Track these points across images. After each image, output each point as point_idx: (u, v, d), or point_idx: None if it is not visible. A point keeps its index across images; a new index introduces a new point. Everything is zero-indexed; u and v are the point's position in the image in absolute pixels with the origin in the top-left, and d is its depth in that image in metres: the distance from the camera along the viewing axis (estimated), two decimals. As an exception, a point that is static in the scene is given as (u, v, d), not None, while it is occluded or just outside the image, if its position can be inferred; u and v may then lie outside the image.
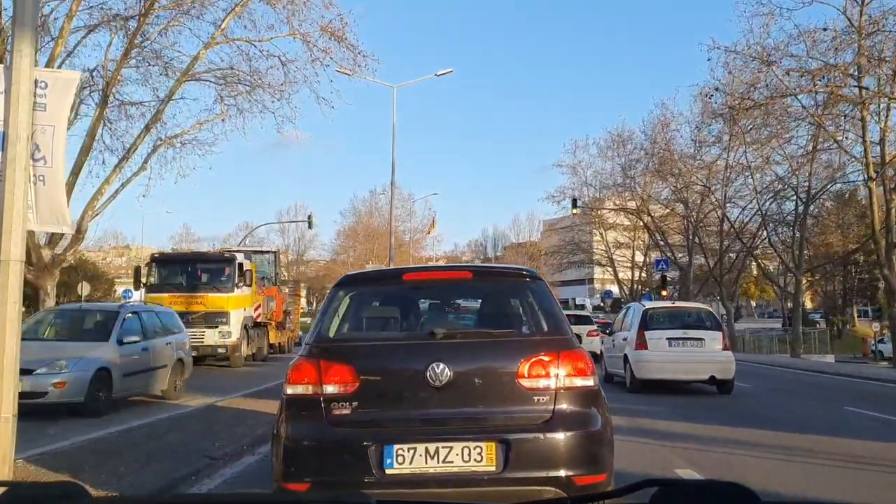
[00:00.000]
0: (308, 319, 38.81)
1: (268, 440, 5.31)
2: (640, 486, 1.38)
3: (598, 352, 18.38)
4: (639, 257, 51.05)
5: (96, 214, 25.81)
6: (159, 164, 28.13)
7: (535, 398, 4.01)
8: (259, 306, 21.17)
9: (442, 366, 3.96)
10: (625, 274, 53.17)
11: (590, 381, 4.10)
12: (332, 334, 4.37)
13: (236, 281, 19.30)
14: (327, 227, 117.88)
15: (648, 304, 15.28)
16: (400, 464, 3.81)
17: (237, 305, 19.33)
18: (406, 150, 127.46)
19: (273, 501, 1.81)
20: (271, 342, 23.92)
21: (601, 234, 48.20)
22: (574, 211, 37.91)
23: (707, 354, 13.23)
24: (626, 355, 13.81)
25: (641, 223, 42.73)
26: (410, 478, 3.80)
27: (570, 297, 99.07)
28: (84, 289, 33.32)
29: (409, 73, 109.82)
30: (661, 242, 40.67)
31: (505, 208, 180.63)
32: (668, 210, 39.85)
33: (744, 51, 23.35)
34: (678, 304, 18.13)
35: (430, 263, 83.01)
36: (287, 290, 28.82)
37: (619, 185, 40.73)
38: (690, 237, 37.91)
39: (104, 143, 26.18)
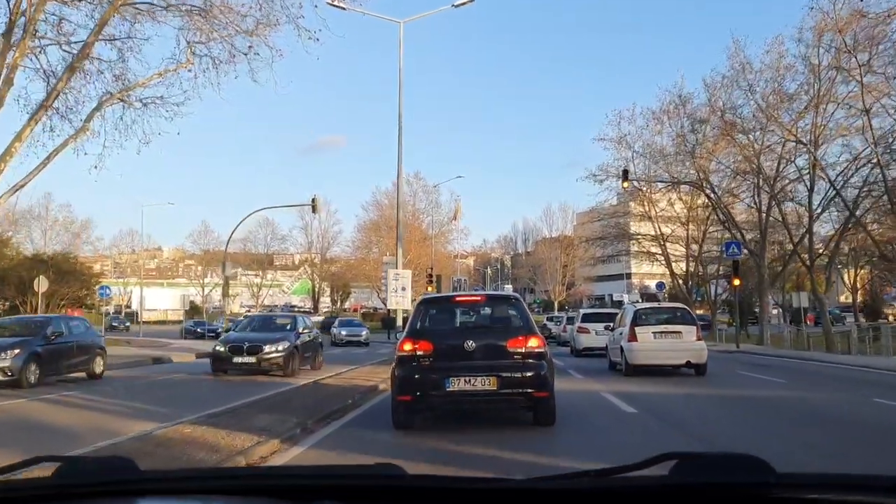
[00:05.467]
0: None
1: None
2: (660, 460, 1.45)
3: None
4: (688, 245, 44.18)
5: (20, 187, 20.37)
6: (117, 128, 22.80)
7: (514, 356, 8.18)
8: None
9: (471, 341, 8.23)
10: (666, 267, 46.30)
11: (541, 349, 8.29)
12: (419, 327, 8.71)
13: None
14: (350, 222, 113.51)
15: (639, 305, 19.10)
16: (453, 386, 7.96)
17: None
18: (426, 134, 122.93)
19: (312, 475, 1.84)
20: None
21: (652, 214, 41.45)
22: (625, 185, 31.72)
23: (684, 344, 15.81)
24: (621, 347, 16.61)
25: (702, 198, 36.17)
26: (458, 392, 7.96)
27: (608, 294, 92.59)
28: (42, 284, 28.43)
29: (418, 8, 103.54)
30: (725, 221, 34.09)
31: (534, 202, 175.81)
32: (737, 180, 33.05)
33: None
34: (662, 304, 22.64)
35: (458, 259, 77.95)
36: None
37: (679, 151, 34.27)
38: (765, 213, 31.42)
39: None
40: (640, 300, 75.61)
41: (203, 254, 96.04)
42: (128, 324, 63.80)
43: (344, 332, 39.56)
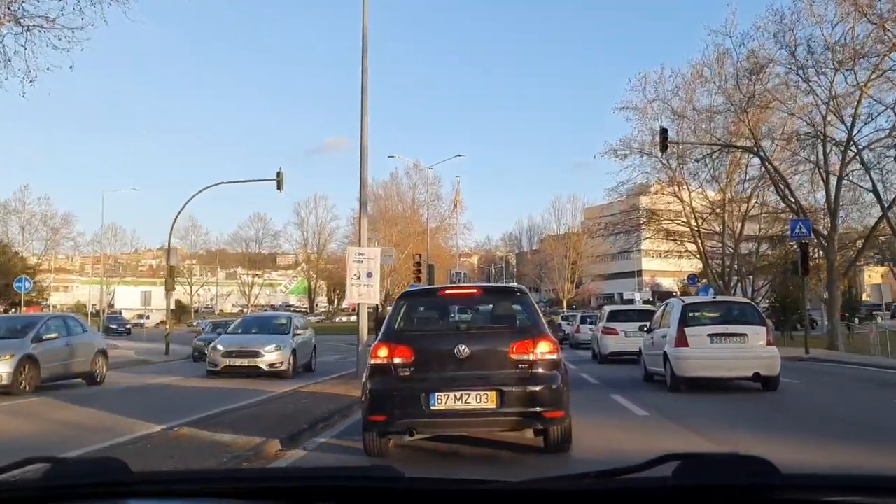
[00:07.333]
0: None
1: None
2: (663, 461, 1.41)
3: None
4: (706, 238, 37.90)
5: None
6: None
7: (520, 366, 6.50)
8: None
9: (463, 346, 6.53)
10: (700, 259, 40.12)
11: (554, 356, 6.62)
12: (397, 328, 7.04)
13: None
14: (347, 218, 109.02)
15: (688, 300, 15.59)
16: (440, 404, 6.38)
17: None
18: (429, 130, 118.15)
19: (307, 476, 1.84)
20: None
21: (684, 196, 35.24)
22: (663, 149, 25.75)
23: (750, 350, 12.74)
24: (665, 353, 13.34)
25: (743, 174, 30.16)
26: (445, 412, 6.38)
27: (617, 292, 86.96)
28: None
29: None
30: (784, 196, 27.87)
31: (540, 202, 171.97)
32: (799, 141, 26.72)
33: None
34: (718, 298, 19.00)
35: (461, 259, 72.41)
36: None
37: (720, 111, 28.27)
38: (836, 177, 25.16)
39: None
40: (651, 299, 69.74)
41: (205, 253, 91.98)
42: (129, 326, 56.10)
43: (221, 347, 17.44)
